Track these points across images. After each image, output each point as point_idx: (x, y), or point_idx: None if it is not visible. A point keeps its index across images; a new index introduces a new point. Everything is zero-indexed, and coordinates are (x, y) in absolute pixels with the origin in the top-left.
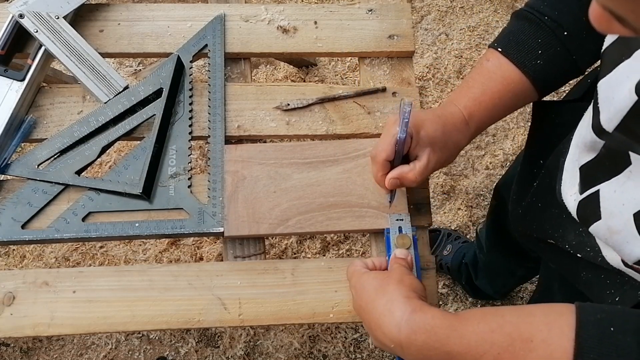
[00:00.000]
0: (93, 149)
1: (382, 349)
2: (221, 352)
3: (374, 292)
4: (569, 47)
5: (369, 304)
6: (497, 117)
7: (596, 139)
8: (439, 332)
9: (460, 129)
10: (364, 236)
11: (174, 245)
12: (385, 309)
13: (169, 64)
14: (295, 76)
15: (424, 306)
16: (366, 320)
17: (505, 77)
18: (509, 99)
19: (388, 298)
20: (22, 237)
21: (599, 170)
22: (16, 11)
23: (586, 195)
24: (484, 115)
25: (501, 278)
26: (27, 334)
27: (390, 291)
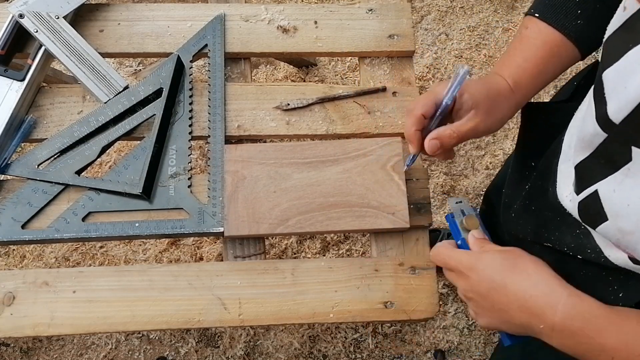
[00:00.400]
0: (93, 149)
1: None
2: (221, 352)
3: (509, 271)
4: (607, 1)
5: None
6: (544, 83)
7: (598, 132)
8: (598, 322)
9: (506, 96)
10: (364, 236)
11: (174, 245)
12: (536, 290)
13: (169, 64)
14: (295, 76)
15: (578, 291)
16: (498, 300)
17: (546, 41)
18: (554, 64)
19: (536, 279)
20: (22, 237)
21: (595, 169)
22: (16, 11)
23: (585, 196)
24: (530, 82)
25: None
26: (27, 334)
27: (534, 271)
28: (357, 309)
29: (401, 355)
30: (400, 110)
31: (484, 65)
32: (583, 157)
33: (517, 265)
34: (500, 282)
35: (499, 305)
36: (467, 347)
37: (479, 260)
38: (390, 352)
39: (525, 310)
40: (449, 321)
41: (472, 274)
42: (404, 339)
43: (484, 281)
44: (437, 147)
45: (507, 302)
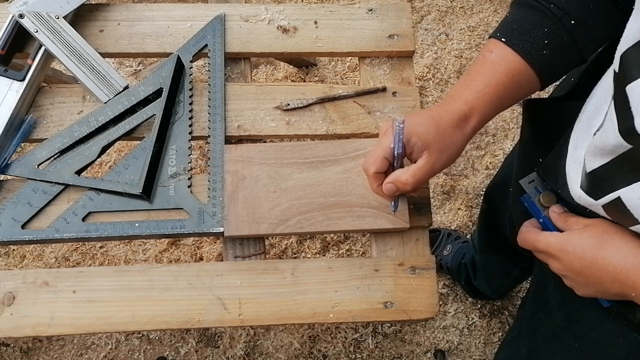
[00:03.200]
0: (93, 149)
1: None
2: (221, 352)
3: (598, 248)
4: (575, 36)
5: (596, 261)
6: (500, 110)
7: (621, 144)
8: None
9: (458, 126)
10: (364, 236)
11: (174, 245)
12: (625, 262)
13: (169, 64)
14: (295, 76)
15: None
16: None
17: (510, 68)
18: (514, 91)
19: (625, 251)
20: (22, 237)
21: (616, 175)
22: (16, 11)
23: (607, 201)
24: (488, 108)
25: (498, 279)
26: (27, 334)
27: (621, 244)
28: (357, 309)
29: (401, 355)
30: (401, 111)
31: None
32: (602, 163)
33: (605, 240)
34: (591, 260)
35: (592, 280)
36: (467, 347)
37: (567, 242)
38: (390, 352)
39: (618, 281)
40: (449, 321)
41: (562, 255)
42: (404, 339)
43: (575, 260)
44: (393, 190)
45: (600, 276)
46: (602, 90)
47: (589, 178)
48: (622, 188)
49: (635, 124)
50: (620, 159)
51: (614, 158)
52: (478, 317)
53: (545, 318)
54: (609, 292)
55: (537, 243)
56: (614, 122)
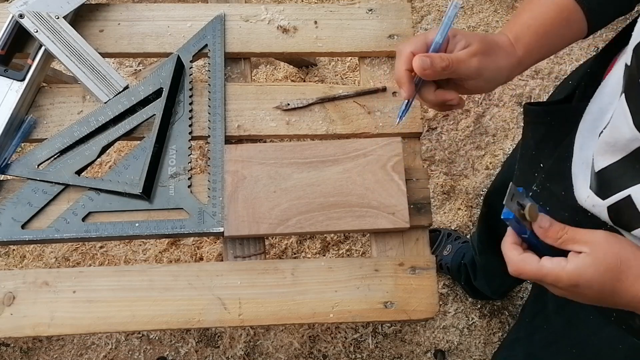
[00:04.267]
0: (93, 149)
1: None
2: (221, 352)
3: (616, 282)
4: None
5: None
6: (548, 47)
7: (637, 137)
8: None
9: (505, 49)
10: (364, 236)
11: (174, 245)
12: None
13: (169, 64)
14: (295, 76)
15: None
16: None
17: (558, 3)
18: (561, 29)
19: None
20: (22, 237)
21: (626, 173)
22: (16, 11)
23: (615, 200)
24: (533, 40)
25: (498, 279)
26: (27, 334)
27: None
28: (357, 309)
29: (401, 355)
30: None
31: None
32: (612, 161)
33: (622, 271)
34: (610, 292)
35: (605, 304)
36: (467, 347)
37: (580, 276)
38: (390, 352)
39: (631, 306)
40: (449, 321)
41: (576, 290)
42: (404, 339)
43: (591, 295)
44: (426, 65)
45: (613, 302)
46: (609, 89)
47: (598, 177)
48: (633, 186)
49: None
50: (633, 156)
51: (626, 155)
52: (478, 317)
53: (543, 323)
54: (618, 307)
55: (544, 278)
56: (627, 115)
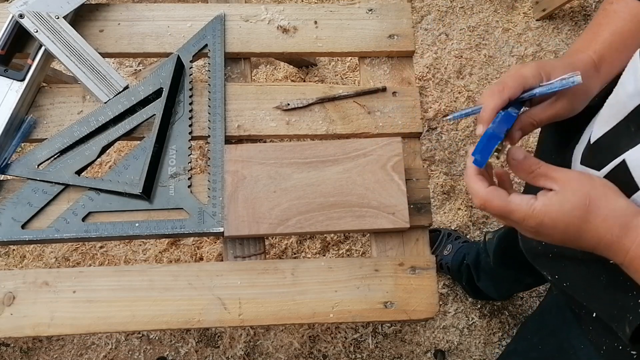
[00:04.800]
0: (93, 149)
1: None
2: (221, 352)
3: (583, 222)
4: None
5: (579, 236)
6: (627, 59)
7: (639, 91)
8: None
9: (590, 75)
10: (364, 236)
11: (174, 245)
12: (611, 235)
13: (169, 64)
14: (295, 76)
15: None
16: (569, 242)
17: (633, 14)
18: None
19: (611, 222)
20: (22, 237)
21: (622, 138)
22: (16, 11)
23: (611, 168)
24: (615, 57)
25: (507, 284)
26: (27, 334)
27: (608, 213)
28: (357, 309)
29: (401, 355)
30: (400, 110)
31: (484, 65)
32: (608, 129)
33: (591, 211)
34: (575, 233)
35: (570, 244)
36: (467, 347)
37: (548, 217)
38: (390, 352)
39: (598, 250)
40: (449, 321)
41: (542, 229)
42: (404, 339)
43: (556, 233)
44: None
45: (578, 244)
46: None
47: (593, 148)
48: (628, 150)
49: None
50: (629, 119)
51: (622, 119)
52: (478, 317)
53: (539, 343)
54: (583, 249)
55: (511, 214)
56: (637, 69)
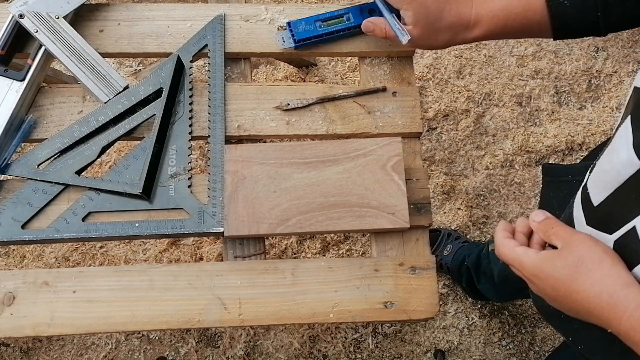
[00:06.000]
0: (93, 149)
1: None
2: (221, 352)
3: (572, 280)
4: (598, 3)
5: (569, 294)
6: (503, 36)
7: (633, 160)
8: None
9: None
10: (364, 236)
11: (174, 245)
12: (600, 301)
13: (169, 64)
14: (295, 76)
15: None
16: (565, 304)
17: (529, 3)
18: (522, 25)
19: (599, 288)
20: (22, 237)
21: (627, 203)
22: (16, 11)
23: (622, 234)
24: (492, 29)
25: (508, 292)
26: (27, 334)
27: (598, 279)
28: (357, 309)
29: (401, 355)
30: (400, 110)
31: (484, 65)
32: (608, 194)
33: (580, 272)
34: (565, 292)
35: (567, 308)
36: (467, 347)
37: (539, 268)
38: (390, 352)
39: (592, 317)
40: (449, 321)
41: (535, 280)
42: (404, 339)
43: (548, 288)
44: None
45: (574, 307)
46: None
47: (598, 211)
48: (638, 216)
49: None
50: (628, 185)
51: (621, 185)
52: (478, 317)
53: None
54: (584, 319)
55: (512, 262)
56: (629, 137)
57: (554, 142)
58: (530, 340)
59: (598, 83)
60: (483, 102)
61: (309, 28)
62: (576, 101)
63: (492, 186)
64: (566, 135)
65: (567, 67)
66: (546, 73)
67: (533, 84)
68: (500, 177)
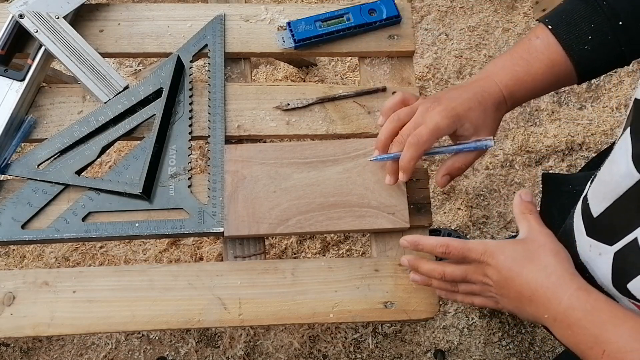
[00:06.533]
0: (93, 149)
1: (526, 319)
2: (221, 352)
3: (527, 260)
4: (620, 37)
5: (521, 274)
6: (534, 97)
7: (631, 173)
8: (599, 314)
9: (499, 109)
10: (364, 236)
11: (174, 245)
12: (548, 281)
13: (169, 64)
14: (295, 76)
15: (589, 286)
16: (513, 289)
17: (551, 59)
18: (550, 82)
19: (550, 270)
20: (22, 237)
21: (626, 215)
22: (16, 11)
23: (623, 245)
24: (523, 96)
25: None
26: (27, 334)
27: (551, 263)
28: (357, 309)
29: (401, 355)
30: None
31: (484, 65)
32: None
33: (536, 256)
34: (517, 272)
35: (513, 294)
36: (467, 347)
37: (500, 249)
38: (390, 352)
39: (535, 299)
40: (449, 321)
41: (492, 261)
42: (404, 339)
43: (503, 269)
44: (447, 182)
45: (520, 290)
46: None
47: (598, 223)
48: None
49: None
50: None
51: (620, 197)
52: (478, 317)
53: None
54: (525, 310)
55: (468, 252)
56: (628, 149)
57: (554, 142)
58: (530, 340)
59: (598, 83)
60: None
61: (309, 28)
62: (576, 101)
63: (492, 186)
64: (566, 135)
65: None
66: None
67: None
68: (500, 177)
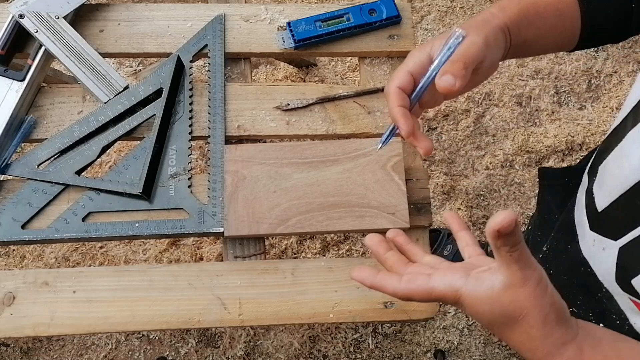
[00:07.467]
0: (93, 149)
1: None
2: (221, 352)
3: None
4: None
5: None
6: (535, 37)
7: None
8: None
9: (500, 47)
10: (363, 236)
11: (174, 245)
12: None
13: (169, 64)
14: (295, 76)
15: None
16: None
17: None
18: (553, 17)
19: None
20: (22, 237)
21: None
22: (16, 11)
23: (629, 240)
24: (524, 38)
25: None
26: (27, 334)
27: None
28: (357, 309)
29: (401, 355)
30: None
31: None
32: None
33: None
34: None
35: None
36: (467, 347)
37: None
38: (390, 352)
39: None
40: (449, 321)
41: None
42: (404, 339)
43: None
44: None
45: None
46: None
47: (603, 217)
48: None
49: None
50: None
51: (627, 190)
52: None
53: None
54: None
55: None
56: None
57: (554, 142)
58: None
59: (598, 83)
60: (483, 102)
61: (309, 28)
62: (576, 101)
63: (492, 186)
64: (566, 135)
65: (567, 67)
66: (546, 73)
67: (533, 84)
68: (500, 177)
